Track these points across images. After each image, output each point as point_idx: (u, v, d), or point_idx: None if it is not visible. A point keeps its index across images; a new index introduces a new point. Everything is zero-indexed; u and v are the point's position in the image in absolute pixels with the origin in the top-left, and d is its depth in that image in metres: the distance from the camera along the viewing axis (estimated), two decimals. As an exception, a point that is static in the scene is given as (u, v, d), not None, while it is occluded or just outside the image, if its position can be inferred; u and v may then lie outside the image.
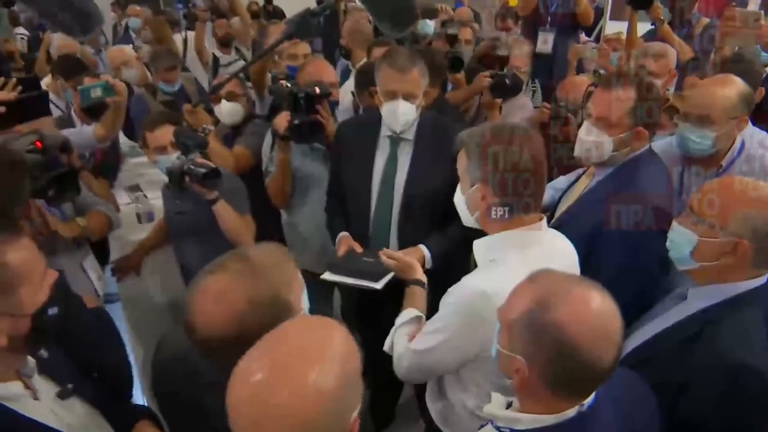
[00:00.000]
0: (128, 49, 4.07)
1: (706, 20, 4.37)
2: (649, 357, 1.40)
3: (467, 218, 1.51)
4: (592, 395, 1.06)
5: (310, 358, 0.85)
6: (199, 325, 1.10)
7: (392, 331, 1.62)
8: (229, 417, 0.84)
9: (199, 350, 1.13)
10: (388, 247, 2.06)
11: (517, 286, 1.09)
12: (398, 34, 2.49)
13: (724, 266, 1.34)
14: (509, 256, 1.38)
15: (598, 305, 1.01)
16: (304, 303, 1.22)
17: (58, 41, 4.10)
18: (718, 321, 1.33)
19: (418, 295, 1.67)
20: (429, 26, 4.11)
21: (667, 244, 1.46)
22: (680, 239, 1.41)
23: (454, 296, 1.41)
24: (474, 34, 4.18)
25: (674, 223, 1.44)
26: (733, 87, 2.00)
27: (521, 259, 1.33)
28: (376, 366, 1.54)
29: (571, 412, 1.04)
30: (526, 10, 4.32)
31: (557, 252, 1.48)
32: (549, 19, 4.31)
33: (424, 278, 1.72)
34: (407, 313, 1.62)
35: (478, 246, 1.47)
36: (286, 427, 0.81)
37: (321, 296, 2.57)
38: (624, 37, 4.03)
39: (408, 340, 1.54)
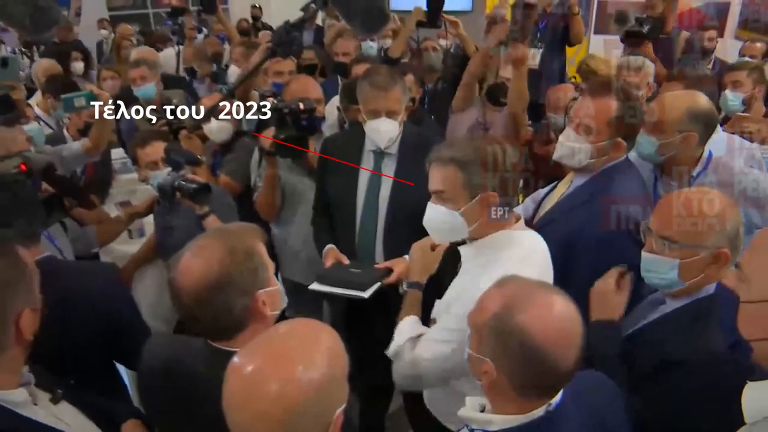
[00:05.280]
0: None
1: (687, 33, 4.46)
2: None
3: (453, 233, 1.52)
4: (559, 395, 1.11)
5: (299, 353, 0.93)
6: (183, 277, 1.17)
7: (398, 338, 1.59)
8: (224, 407, 0.91)
9: (185, 318, 1.20)
10: (374, 260, 2.11)
11: (485, 291, 1.14)
12: (369, 35, 2.50)
13: (707, 276, 1.40)
14: (500, 257, 1.43)
15: (560, 310, 1.07)
16: (278, 281, 1.30)
17: (42, 64, 4.13)
18: (692, 320, 1.40)
19: (416, 299, 1.67)
20: (372, 48, 4.19)
21: (644, 275, 1.49)
22: (661, 267, 1.43)
23: (461, 305, 1.40)
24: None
25: (646, 255, 1.47)
26: (685, 103, 2.00)
27: (511, 259, 1.38)
28: (366, 376, 1.58)
29: (539, 411, 1.09)
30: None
31: (535, 250, 1.53)
32: (538, 35, 4.41)
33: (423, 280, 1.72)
34: (411, 322, 1.61)
35: (468, 250, 1.51)
36: (275, 414, 0.88)
37: (311, 308, 2.62)
38: None
39: (412, 349, 1.54)
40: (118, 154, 3.65)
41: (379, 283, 1.93)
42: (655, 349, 1.42)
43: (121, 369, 1.89)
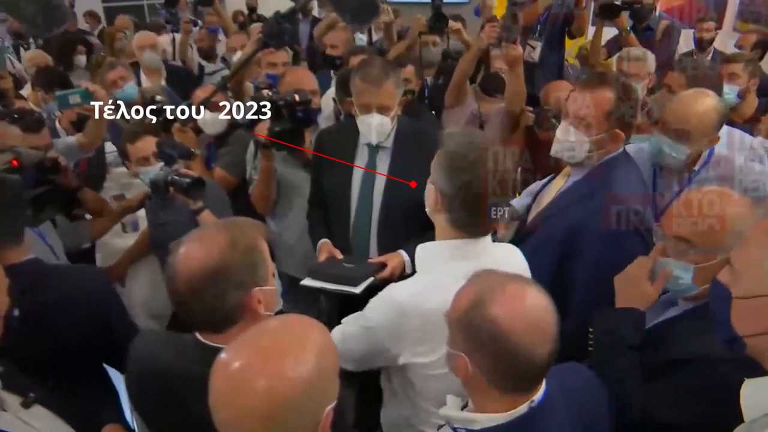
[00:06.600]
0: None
1: (667, 22, 4.40)
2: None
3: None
4: (542, 391, 1.09)
5: (288, 349, 0.91)
6: (181, 262, 1.15)
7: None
8: (210, 404, 0.89)
9: (178, 305, 1.18)
10: (368, 254, 2.09)
11: (460, 287, 1.13)
12: (359, 27, 2.46)
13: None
14: (442, 266, 1.39)
15: (532, 300, 1.05)
16: (277, 282, 1.28)
17: (29, 54, 4.08)
18: (704, 320, 1.37)
19: None
20: (362, 40, 4.16)
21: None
22: (675, 272, 1.41)
23: (378, 297, 1.44)
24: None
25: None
26: (712, 106, 2.00)
27: (454, 271, 1.30)
28: (362, 375, 1.55)
29: (522, 408, 1.07)
30: (529, 20, 4.33)
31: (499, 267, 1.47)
32: (539, 28, 4.36)
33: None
34: None
35: (419, 251, 1.48)
36: (263, 411, 0.85)
37: (307, 302, 2.60)
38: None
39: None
40: (111, 147, 3.61)
41: (371, 278, 1.91)
42: (664, 347, 1.40)
43: (114, 372, 1.86)
